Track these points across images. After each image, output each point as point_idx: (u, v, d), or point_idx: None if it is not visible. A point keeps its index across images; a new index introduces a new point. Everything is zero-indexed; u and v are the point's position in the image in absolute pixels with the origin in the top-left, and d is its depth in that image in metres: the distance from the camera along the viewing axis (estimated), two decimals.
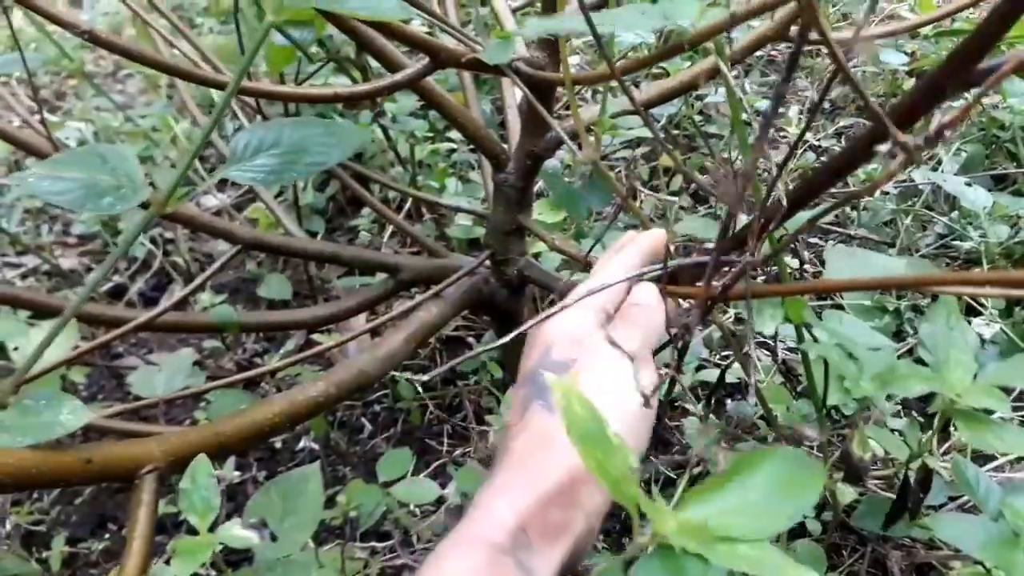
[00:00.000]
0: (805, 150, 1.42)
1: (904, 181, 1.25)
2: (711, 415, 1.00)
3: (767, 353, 1.07)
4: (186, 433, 0.56)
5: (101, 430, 0.66)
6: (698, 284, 0.63)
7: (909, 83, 1.49)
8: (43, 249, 1.26)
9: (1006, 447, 0.56)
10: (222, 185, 1.36)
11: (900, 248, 1.15)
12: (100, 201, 0.47)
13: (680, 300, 0.61)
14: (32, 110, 1.58)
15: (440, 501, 0.92)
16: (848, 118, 1.56)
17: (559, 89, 0.76)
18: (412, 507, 0.93)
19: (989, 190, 1.24)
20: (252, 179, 0.51)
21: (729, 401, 1.03)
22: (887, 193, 1.25)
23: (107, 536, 0.95)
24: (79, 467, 0.49)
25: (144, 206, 0.49)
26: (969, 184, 1.07)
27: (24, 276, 1.24)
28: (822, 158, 1.42)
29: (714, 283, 0.63)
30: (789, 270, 1.00)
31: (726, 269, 0.62)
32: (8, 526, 0.95)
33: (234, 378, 0.72)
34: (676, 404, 1.02)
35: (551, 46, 0.71)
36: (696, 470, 0.92)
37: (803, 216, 0.82)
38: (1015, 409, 0.94)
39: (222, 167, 0.52)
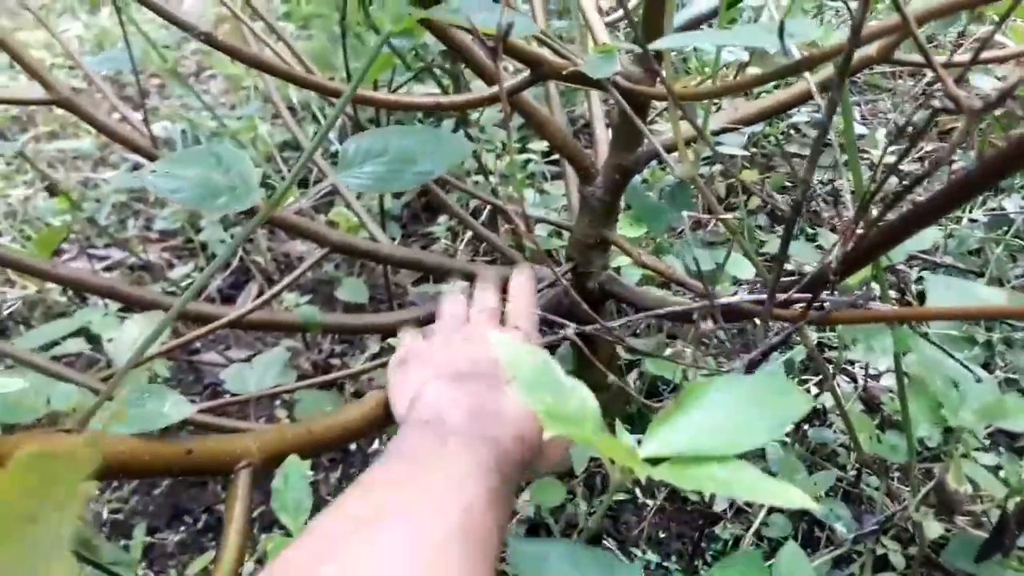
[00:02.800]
0: (888, 175, 1.38)
1: (994, 209, 1.21)
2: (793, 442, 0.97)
3: (847, 380, 1.05)
4: (282, 430, 0.57)
5: (191, 423, 0.68)
6: (797, 306, 0.62)
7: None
8: (128, 243, 1.29)
9: None
10: (301, 185, 1.38)
11: (990, 278, 1.12)
12: (215, 201, 0.48)
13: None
14: (131, 106, 1.63)
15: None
16: (931, 143, 1.52)
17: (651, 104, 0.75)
18: None
19: None
20: (361, 185, 0.51)
21: (809, 427, 1.00)
22: (975, 221, 1.21)
23: (183, 528, 0.97)
24: (181, 457, 0.50)
25: (246, 212, 0.50)
26: None
27: (109, 268, 1.28)
28: (903, 182, 1.39)
29: (813, 306, 0.62)
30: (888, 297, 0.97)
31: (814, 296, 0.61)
32: (90, 515, 0.97)
33: (322, 378, 0.72)
34: None
35: (647, 60, 0.71)
36: None
37: (906, 246, 0.80)
38: None
39: (334, 171, 0.53)
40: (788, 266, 1.12)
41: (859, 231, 0.58)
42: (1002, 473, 0.69)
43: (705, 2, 0.70)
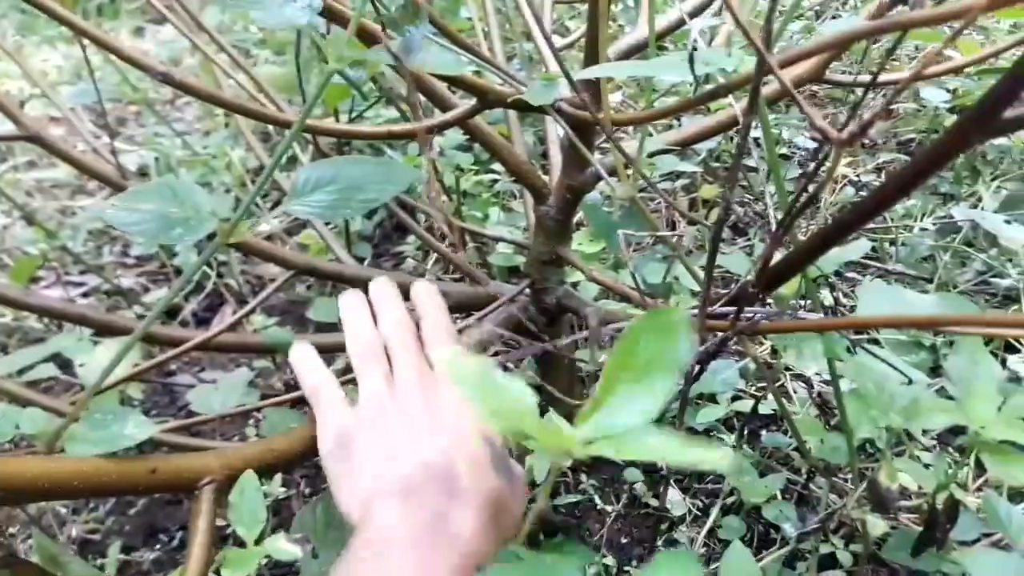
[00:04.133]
0: (844, 185, 1.43)
1: (943, 217, 1.26)
2: (745, 445, 1.01)
3: (804, 385, 1.08)
4: (242, 448, 0.60)
5: (159, 443, 0.70)
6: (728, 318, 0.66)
7: (951, 119, 1.50)
8: (103, 269, 1.32)
9: None
10: (277, 207, 1.42)
11: (938, 284, 1.16)
12: (171, 232, 0.51)
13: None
14: (97, 136, 1.66)
15: None
16: (888, 153, 1.57)
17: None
18: None
19: None
20: (311, 214, 0.55)
21: (764, 432, 1.04)
22: (925, 229, 1.26)
23: (158, 546, 0.99)
24: (145, 476, 0.53)
25: (210, 236, 0.53)
26: (1008, 221, 1.08)
27: (86, 295, 1.30)
28: (862, 193, 1.43)
29: (742, 317, 0.65)
30: (824, 305, 1.01)
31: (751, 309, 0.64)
32: (65, 535, 0.99)
33: (284, 397, 0.76)
34: (711, 433, 1.03)
35: (593, 85, 0.75)
36: (729, 500, 0.94)
37: (834, 255, 0.84)
38: None
39: (284, 201, 0.56)
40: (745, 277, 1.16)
41: (780, 247, 0.61)
42: (932, 470, 0.73)
43: (643, 31, 0.75)
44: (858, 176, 1.48)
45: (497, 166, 1.32)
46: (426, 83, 0.76)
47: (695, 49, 0.53)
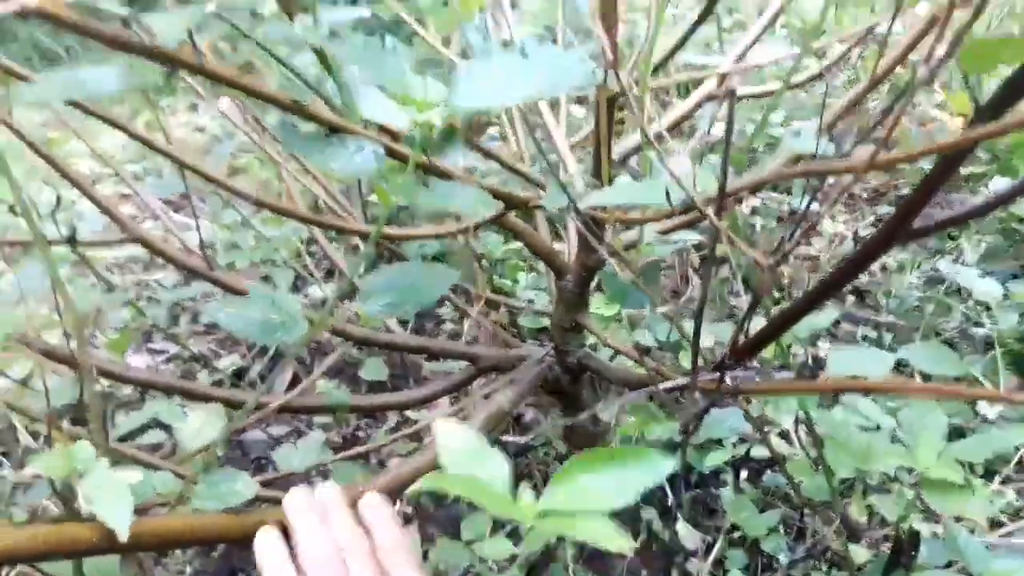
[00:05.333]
0: (843, 241, 1.57)
1: (929, 271, 1.38)
2: (750, 485, 1.14)
3: (806, 430, 1.21)
4: None
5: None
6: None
7: None
8: (178, 337, 1.49)
9: (961, 511, 0.70)
10: (329, 276, 1.59)
11: (924, 333, 1.29)
12: (273, 334, 0.67)
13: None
14: (172, 208, 1.85)
15: (513, 558, 1.08)
16: (886, 206, 1.70)
17: None
18: (490, 563, 1.10)
19: (1015, 276, 1.37)
20: (377, 312, 0.70)
21: (768, 472, 1.17)
22: (912, 282, 1.38)
23: None
24: (255, 527, 0.68)
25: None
26: (983, 275, 1.21)
27: (168, 360, 1.47)
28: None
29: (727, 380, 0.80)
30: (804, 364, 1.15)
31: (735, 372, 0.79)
32: None
33: (351, 452, 0.91)
34: (719, 475, 1.17)
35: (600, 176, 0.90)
36: (735, 535, 1.07)
37: (807, 322, 0.98)
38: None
39: (358, 300, 0.72)
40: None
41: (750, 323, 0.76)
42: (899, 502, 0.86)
43: (631, 141, 0.90)
44: (854, 228, 1.61)
45: None
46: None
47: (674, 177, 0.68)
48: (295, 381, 1.43)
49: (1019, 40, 0.49)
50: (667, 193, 0.66)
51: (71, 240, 0.85)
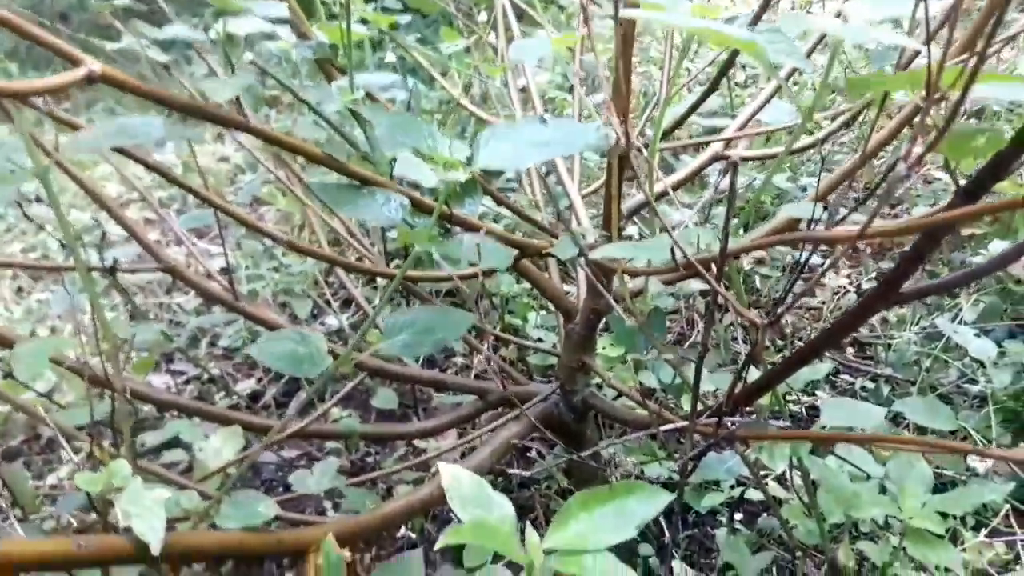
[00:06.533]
0: (846, 293, 1.61)
1: (928, 327, 1.43)
2: (745, 526, 1.18)
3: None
4: (341, 522, 0.80)
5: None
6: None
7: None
8: (198, 359, 1.55)
9: (940, 561, 0.74)
10: (345, 306, 1.65)
11: (920, 387, 1.32)
12: (300, 367, 0.72)
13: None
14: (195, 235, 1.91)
15: None
16: (890, 261, 1.74)
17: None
18: None
19: (1012, 336, 1.41)
20: (398, 350, 0.75)
21: (764, 515, 1.20)
22: (911, 337, 1.43)
23: None
24: (275, 545, 0.72)
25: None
26: (979, 334, 1.25)
27: (187, 382, 1.53)
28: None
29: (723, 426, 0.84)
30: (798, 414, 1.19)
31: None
32: None
33: (363, 478, 0.95)
34: (715, 516, 1.20)
35: (607, 238, 0.95)
36: (729, 574, 1.10)
37: (804, 373, 1.02)
38: None
39: (376, 335, 0.77)
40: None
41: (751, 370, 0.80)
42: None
43: (639, 197, 0.96)
44: (859, 284, 1.65)
45: None
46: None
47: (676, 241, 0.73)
48: (308, 405, 1.47)
49: (993, 130, 0.54)
50: (671, 251, 0.71)
51: (112, 270, 0.90)
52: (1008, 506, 1.12)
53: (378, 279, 1.61)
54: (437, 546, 0.51)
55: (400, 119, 0.62)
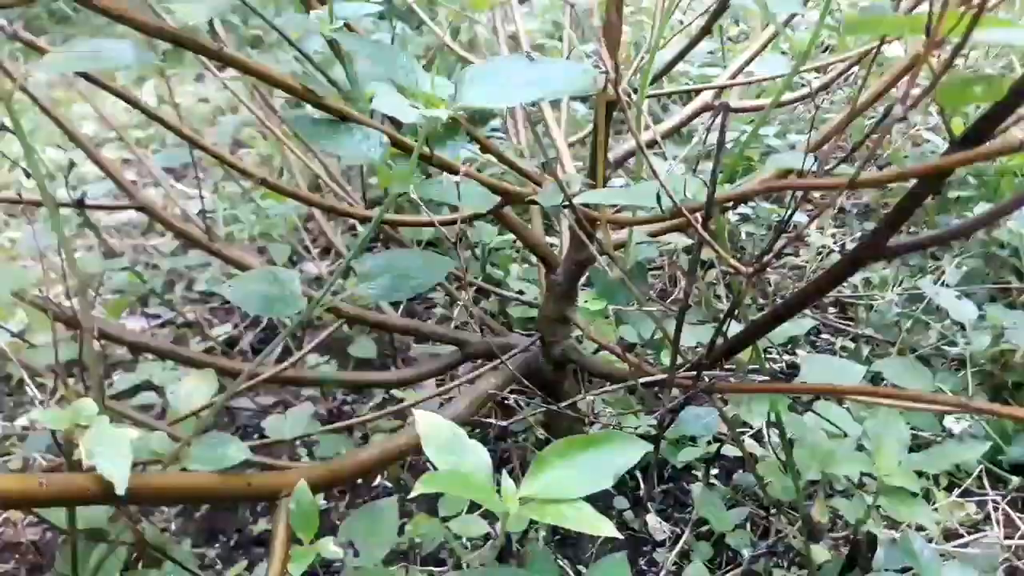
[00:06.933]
0: (830, 252, 1.60)
1: (910, 288, 1.42)
2: (721, 482, 1.18)
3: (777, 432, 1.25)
4: (314, 468, 0.78)
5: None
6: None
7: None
8: (173, 303, 1.52)
9: (913, 518, 0.74)
10: (325, 254, 1.62)
11: (900, 348, 1.32)
12: (272, 308, 0.70)
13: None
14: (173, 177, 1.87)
15: (487, 537, 1.12)
16: (875, 222, 1.73)
17: None
18: (464, 540, 1.13)
19: (992, 300, 1.41)
20: (373, 295, 0.73)
21: (740, 471, 1.21)
22: (893, 298, 1.42)
23: (217, 544, 1.18)
24: (243, 488, 0.71)
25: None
26: (960, 296, 1.25)
27: (162, 325, 1.50)
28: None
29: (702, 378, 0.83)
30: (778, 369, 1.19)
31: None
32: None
33: (338, 425, 0.94)
34: (691, 470, 1.20)
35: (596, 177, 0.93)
36: (702, 528, 1.11)
37: (786, 328, 1.02)
38: None
39: (353, 280, 0.75)
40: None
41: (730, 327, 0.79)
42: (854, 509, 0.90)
43: (627, 146, 0.93)
44: (843, 244, 1.65)
45: None
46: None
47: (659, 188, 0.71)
48: (285, 353, 1.46)
49: (991, 78, 0.52)
50: (658, 198, 0.69)
51: (80, 204, 0.88)
52: (981, 467, 1.12)
53: (358, 226, 1.59)
54: (412, 494, 0.50)
55: (381, 48, 0.59)
